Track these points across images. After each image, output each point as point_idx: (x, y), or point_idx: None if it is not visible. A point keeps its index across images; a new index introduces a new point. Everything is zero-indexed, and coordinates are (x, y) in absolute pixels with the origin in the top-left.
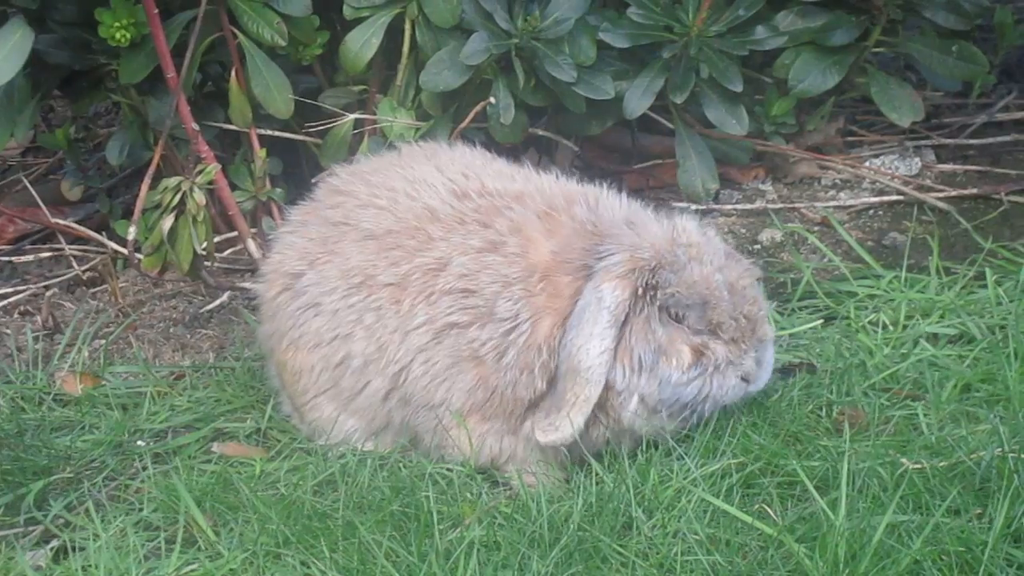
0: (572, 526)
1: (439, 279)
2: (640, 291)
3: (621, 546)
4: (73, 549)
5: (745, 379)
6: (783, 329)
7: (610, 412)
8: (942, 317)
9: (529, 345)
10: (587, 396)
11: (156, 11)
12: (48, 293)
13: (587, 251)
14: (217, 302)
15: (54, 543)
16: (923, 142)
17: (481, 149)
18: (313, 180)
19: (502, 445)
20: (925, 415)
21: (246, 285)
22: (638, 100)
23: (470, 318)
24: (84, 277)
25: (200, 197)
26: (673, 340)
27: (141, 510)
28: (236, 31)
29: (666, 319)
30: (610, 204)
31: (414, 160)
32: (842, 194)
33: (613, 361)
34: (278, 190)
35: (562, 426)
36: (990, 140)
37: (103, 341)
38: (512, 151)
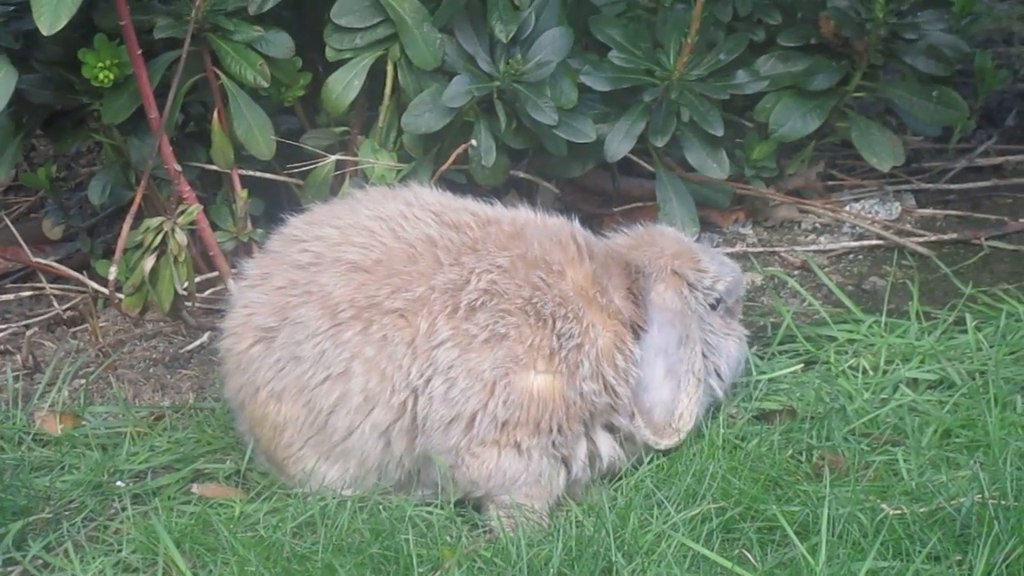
0: (552, 570)
1: (461, 297)
2: (698, 287)
3: None
4: None
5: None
6: (763, 374)
7: None
8: (922, 362)
9: (600, 356)
10: (699, 395)
11: (139, 52)
12: (28, 332)
13: (617, 271)
14: (197, 342)
15: None
16: (903, 187)
17: (438, 190)
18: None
19: (543, 459)
20: (905, 460)
21: (223, 328)
22: (619, 143)
23: (518, 333)
24: (64, 316)
25: (181, 237)
26: (722, 325)
27: (120, 551)
28: (219, 72)
29: (707, 309)
30: (589, 233)
31: (378, 202)
32: (822, 238)
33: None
34: (259, 231)
35: (683, 424)
36: (970, 185)
37: (83, 381)
38: (493, 193)
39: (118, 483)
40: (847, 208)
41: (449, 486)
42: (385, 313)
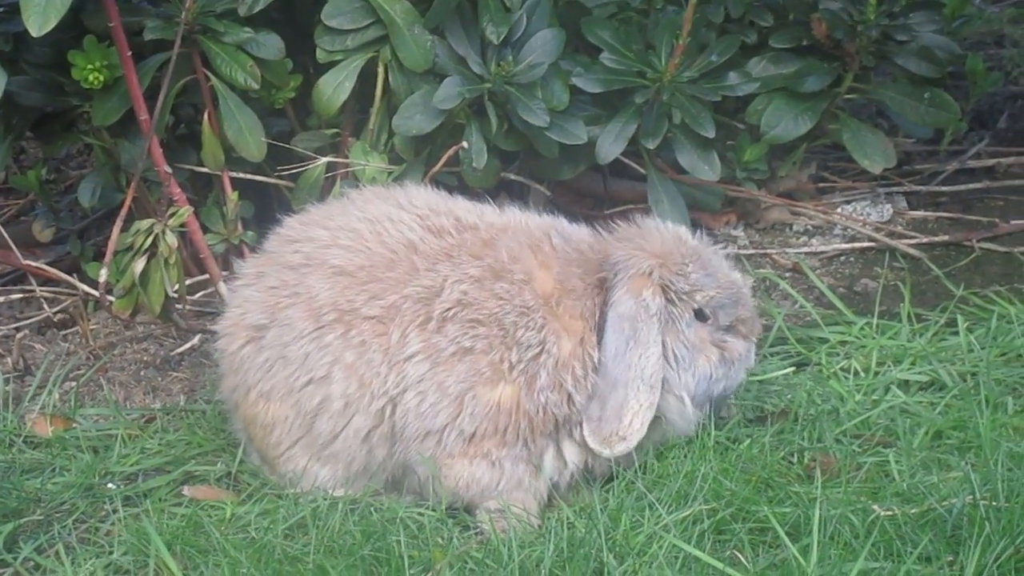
0: (544, 571)
1: (434, 307)
2: (673, 293)
3: None
4: None
5: (749, 373)
6: (755, 376)
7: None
8: (913, 364)
9: (559, 365)
10: (651, 402)
11: (129, 53)
12: (19, 335)
13: (588, 271)
14: (188, 345)
15: None
16: (895, 189)
17: (433, 189)
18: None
19: (516, 468)
20: (896, 462)
21: (217, 328)
22: (610, 145)
23: (484, 344)
24: (55, 319)
25: (172, 240)
26: (703, 339)
27: (111, 553)
28: (209, 74)
29: (693, 320)
30: (577, 231)
31: (369, 202)
32: (814, 240)
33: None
34: (250, 233)
35: (630, 434)
36: (962, 187)
37: (74, 383)
38: (483, 195)
39: (109, 485)
40: (839, 210)
41: (431, 494)
42: (364, 319)
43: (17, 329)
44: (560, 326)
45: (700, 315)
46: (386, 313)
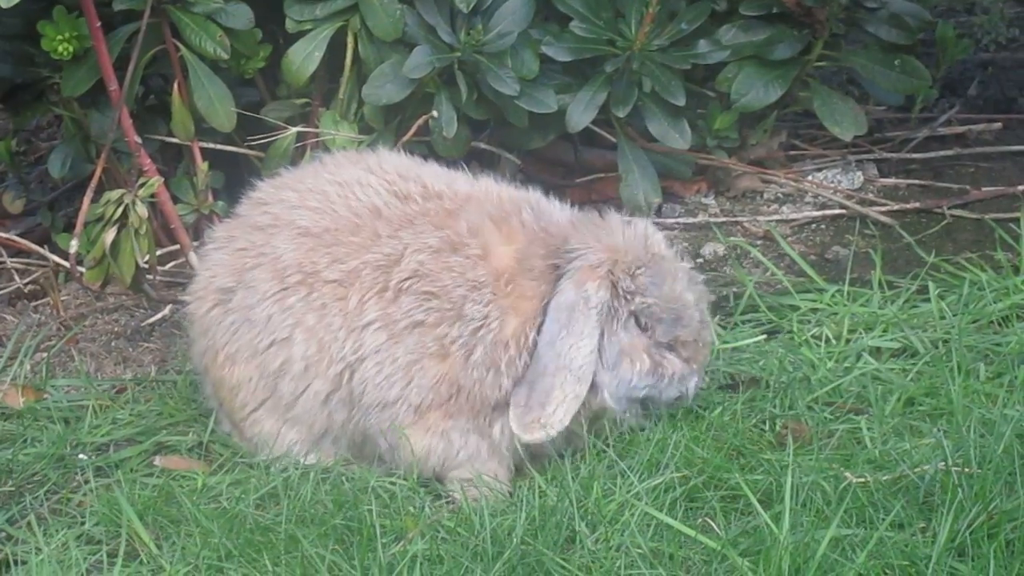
0: (515, 540)
1: (392, 275)
2: (619, 291)
3: (564, 560)
4: (15, 563)
5: (681, 397)
6: (726, 343)
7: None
8: (885, 331)
9: (496, 342)
10: (577, 393)
11: (99, 24)
12: None
13: (549, 253)
14: (159, 315)
15: None
16: (865, 156)
17: (407, 155)
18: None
19: (467, 440)
20: (868, 429)
21: (188, 298)
22: (581, 114)
23: (435, 318)
24: (26, 290)
25: (142, 210)
26: (635, 346)
27: (83, 523)
28: (179, 44)
29: (632, 324)
30: (554, 208)
31: (340, 166)
32: (784, 208)
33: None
34: (220, 203)
35: (550, 423)
36: (932, 154)
37: (45, 354)
38: (454, 164)
39: (81, 456)
40: (809, 178)
41: (393, 463)
42: (325, 283)
43: None
44: (508, 304)
45: (637, 321)
46: (347, 277)
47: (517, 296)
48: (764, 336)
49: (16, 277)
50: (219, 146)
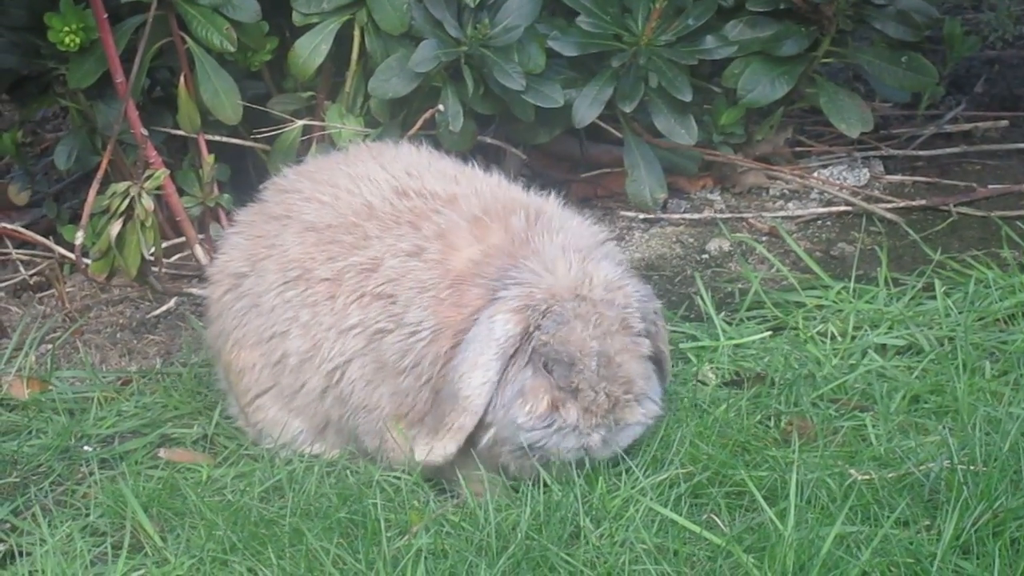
0: (520, 535)
1: (370, 281)
2: (530, 330)
3: (568, 555)
4: (19, 554)
5: (585, 450)
6: (731, 339)
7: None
8: (891, 328)
9: (426, 355)
10: (462, 424)
11: (105, 16)
12: None
13: (502, 271)
14: (164, 307)
15: (0, 548)
16: (872, 153)
17: (429, 148)
18: (261, 186)
19: (448, 448)
20: (874, 426)
21: (193, 291)
22: (587, 109)
23: (393, 325)
24: (31, 282)
25: (148, 202)
26: (536, 387)
27: (88, 515)
28: (185, 36)
29: (538, 364)
30: (550, 222)
31: (359, 158)
32: (790, 204)
33: (495, 393)
34: (226, 196)
35: (435, 449)
36: (939, 151)
37: (50, 346)
38: (460, 158)
39: (85, 448)
40: (815, 174)
41: (380, 464)
42: (319, 280)
43: None
44: (442, 311)
45: (545, 363)
46: (337, 277)
47: (452, 303)
48: (769, 332)
49: (21, 268)
50: (225, 139)
